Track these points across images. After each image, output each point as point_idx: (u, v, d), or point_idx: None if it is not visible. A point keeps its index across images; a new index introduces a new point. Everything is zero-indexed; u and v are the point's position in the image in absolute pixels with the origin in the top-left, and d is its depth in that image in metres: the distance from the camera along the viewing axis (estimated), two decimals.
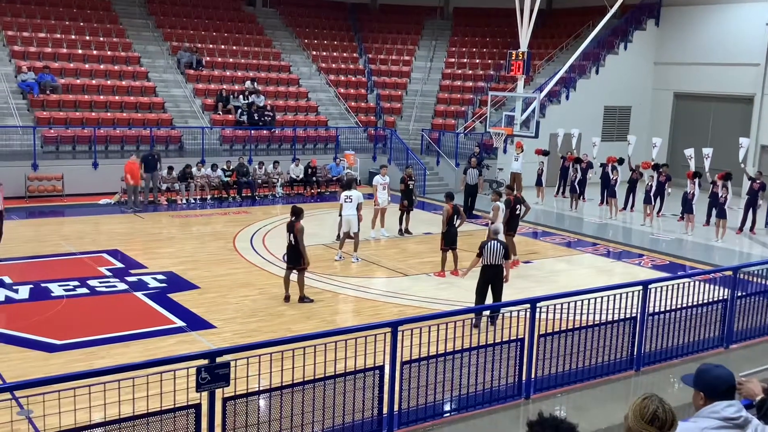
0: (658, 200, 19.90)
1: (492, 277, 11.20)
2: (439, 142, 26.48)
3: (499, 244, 11.20)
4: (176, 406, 6.38)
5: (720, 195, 18.13)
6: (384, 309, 12.29)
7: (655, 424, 3.41)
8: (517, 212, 15.24)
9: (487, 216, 15.00)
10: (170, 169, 21.55)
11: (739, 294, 10.72)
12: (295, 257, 12.33)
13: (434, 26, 33.17)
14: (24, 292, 12.36)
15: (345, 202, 15.42)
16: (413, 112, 29.21)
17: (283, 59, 29.38)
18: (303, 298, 12.42)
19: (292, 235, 12.21)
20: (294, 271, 12.43)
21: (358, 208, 15.31)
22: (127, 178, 19.86)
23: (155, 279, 13.52)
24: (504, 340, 8.49)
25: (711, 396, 3.96)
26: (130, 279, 13.45)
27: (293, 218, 12.27)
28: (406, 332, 7.62)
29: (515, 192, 16.63)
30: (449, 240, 14.40)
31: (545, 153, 23.02)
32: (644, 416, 3.42)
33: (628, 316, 9.45)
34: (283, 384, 6.95)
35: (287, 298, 12.43)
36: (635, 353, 9.59)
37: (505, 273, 11.28)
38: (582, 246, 17.75)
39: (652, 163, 20.41)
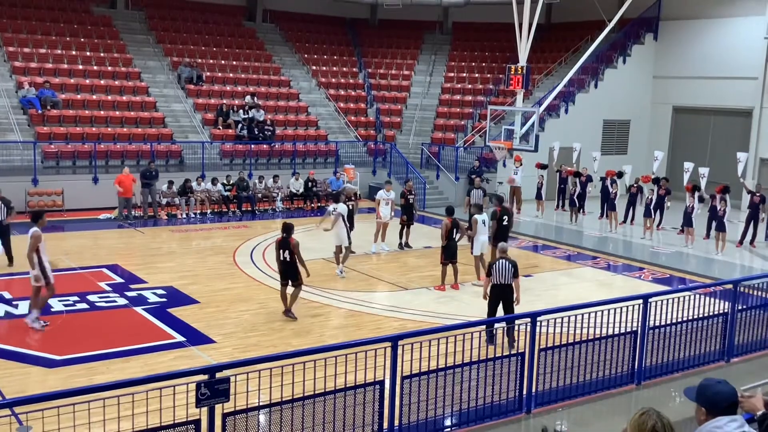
0: (658, 213, 19.94)
1: (501, 296, 11.06)
2: (439, 155, 26.52)
3: (508, 263, 11.00)
4: (176, 421, 6.36)
5: (719, 208, 18.16)
6: (384, 323, 12.28)
7: None
8: (505, 223, 15.22)
9: (470, 231, 15.03)
10: (170, 183, 21.58)
11: (740, 307, 10.70)
12: (291, 273, 12.28)
13: (433, 41, 33.31)
14: (24, 307, 12.30)
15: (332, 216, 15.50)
16: (413, 126, 29.30)
17: (282, 74, 29.50)
18: (288, 312, 12.27)
19: (287, 251, 12.15)
20: (291, 285, 12.37)
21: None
22: (120, 191, 20.00)
23: (155, 294, 13.51)
24: (504, 354, 8.48)
25: (712, 412, 3.95)
26: (129, 294, 13.44)
27: (285, 234, 12.22)
28: (407, 347, 7.61)
29: (506, 204, 16.67)
30: (449, 254, 14.40)
31: (544, 167, 23.07)
32: (643, 431, 3.42)
33: (628, 329, 9.43)
34: (283, 399, 6.93)
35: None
36: (636, 367, 9.57)
37: (516, 294, 11.05)
38: (582, 259, 17.75)
39: (653, 177, 20.45)
